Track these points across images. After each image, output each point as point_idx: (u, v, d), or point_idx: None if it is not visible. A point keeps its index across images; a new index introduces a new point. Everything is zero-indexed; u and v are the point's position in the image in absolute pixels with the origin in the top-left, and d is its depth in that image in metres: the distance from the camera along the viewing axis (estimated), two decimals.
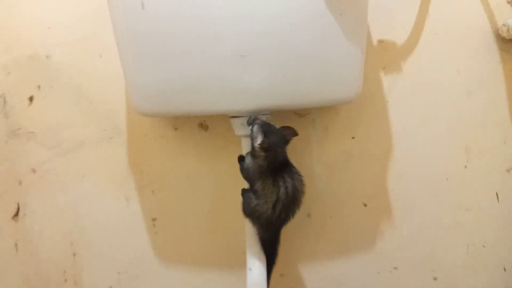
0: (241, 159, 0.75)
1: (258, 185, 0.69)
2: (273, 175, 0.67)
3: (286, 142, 0.69)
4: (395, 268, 0.89)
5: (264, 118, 0.72)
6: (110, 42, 0.79)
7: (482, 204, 0.88)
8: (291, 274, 0.88)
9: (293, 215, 0.70)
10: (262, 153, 0.66)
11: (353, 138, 0.86)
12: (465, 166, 0.87)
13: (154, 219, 0.87)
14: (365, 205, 0.87)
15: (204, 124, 0.85)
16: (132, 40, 0.65)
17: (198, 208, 0.87)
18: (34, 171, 0.85)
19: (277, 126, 0.69)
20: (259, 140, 0.65)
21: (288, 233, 0.76)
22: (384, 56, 0.84)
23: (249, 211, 0.71)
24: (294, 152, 0.71)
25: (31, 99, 0.83)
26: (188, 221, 0.87)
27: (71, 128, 0.84)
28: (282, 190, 0.67)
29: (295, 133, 0.70)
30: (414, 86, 0.85)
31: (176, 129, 0.85)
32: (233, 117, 0.74)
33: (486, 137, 0.87)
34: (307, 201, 0.72)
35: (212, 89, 0.67)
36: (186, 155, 0.86)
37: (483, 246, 0.89)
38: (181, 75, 0.66)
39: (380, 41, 0.83)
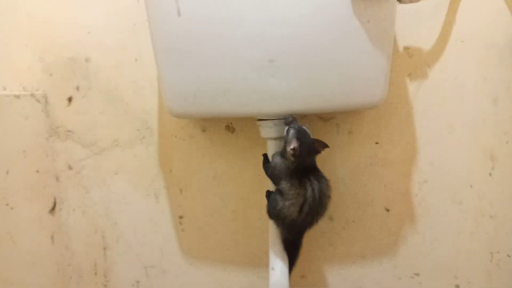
0: (265, 157, 0.77)
1: (284, 185, 0.70)
2: (299, 177, 0.69)
3: (316, 152, 0.71)
4: (417, 274, 0.89)
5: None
6: (145, 47, 0.84)
7: (507, 212, 0.87)
8: (312, 276, 0.89)
9: (317, 220, 0.71)
10: (291, 158, 0.68)
11: (376, 143, 0.87)
12: (490, 173, 0.86)
13: (181, 217, 0.90)
14: (388, 210, 0.88)
15: (231, 126, 0.87)
16: (168, 45, 0.68)
17: (223, 208, 0.89)
18: (70, 167, 0.89)
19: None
20: (292, 145, 0.66)
21: (311, 235, 0.77)
22: (410, 63, 0.84)
23: (274, 213, 0.72)
24: (319, 156, 0.73)
25: (70, 99, 0.88)
26: (214, 220, 0.89)
27: (106, 127, 0.88)
28: (309, 192, 0.68)
29: (326, 146, 0.71)
30: (439, 93, 0.85)
31: (204, 130, 0.88)
32: (260, 120, 0.76)
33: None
34: (330, 205, 0.72)
35: (240, 92, 0.69)
36: (213, 156, 0.88)
37: (508, 256, 0.87)
38: (211, 78, 0.68)
39: (406, 48, 0.84)
